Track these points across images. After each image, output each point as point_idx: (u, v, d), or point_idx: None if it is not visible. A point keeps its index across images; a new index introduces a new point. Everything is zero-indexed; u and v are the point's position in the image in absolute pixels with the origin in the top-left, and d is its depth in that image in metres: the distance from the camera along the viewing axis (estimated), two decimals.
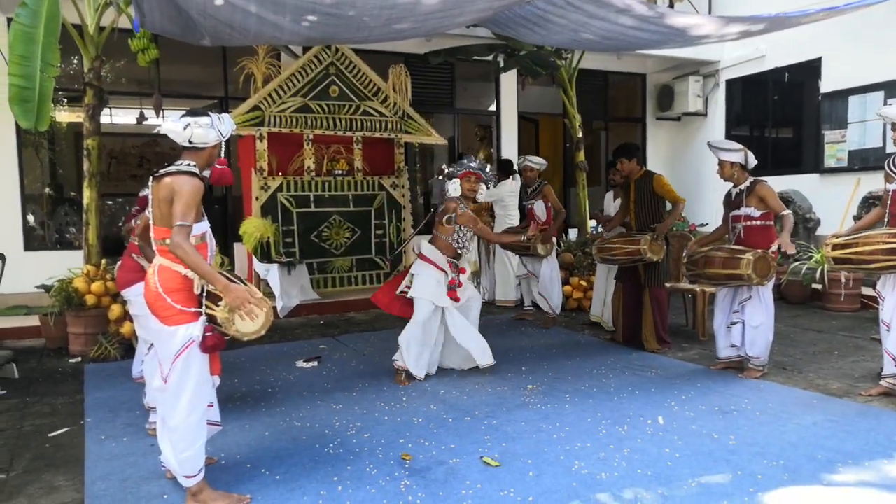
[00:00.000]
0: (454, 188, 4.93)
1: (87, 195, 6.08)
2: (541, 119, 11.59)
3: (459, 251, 4.95)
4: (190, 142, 2.96)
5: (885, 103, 7.91)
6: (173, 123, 2.97)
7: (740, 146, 4.77)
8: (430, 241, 4.95)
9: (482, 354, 4.87)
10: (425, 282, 4.80)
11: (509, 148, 10.25)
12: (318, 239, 8.05)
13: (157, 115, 7.72)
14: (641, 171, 5.65)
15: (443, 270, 4.84)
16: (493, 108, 10.53)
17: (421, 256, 4.91)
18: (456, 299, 4.88)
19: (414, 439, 3.70)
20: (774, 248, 4.50)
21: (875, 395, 4.27)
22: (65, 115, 8.56)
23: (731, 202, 4.88)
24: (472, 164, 4.98)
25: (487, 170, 5.06)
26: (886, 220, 4.19)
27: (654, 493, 2.99)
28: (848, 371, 4.90)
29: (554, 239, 6.67)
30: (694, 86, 10.52)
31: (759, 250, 4.53)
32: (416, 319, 4.77)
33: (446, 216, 4.85)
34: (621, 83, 11.46)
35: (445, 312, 4.89)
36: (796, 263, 7.65)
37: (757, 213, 4.71)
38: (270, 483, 3.17)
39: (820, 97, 9.00)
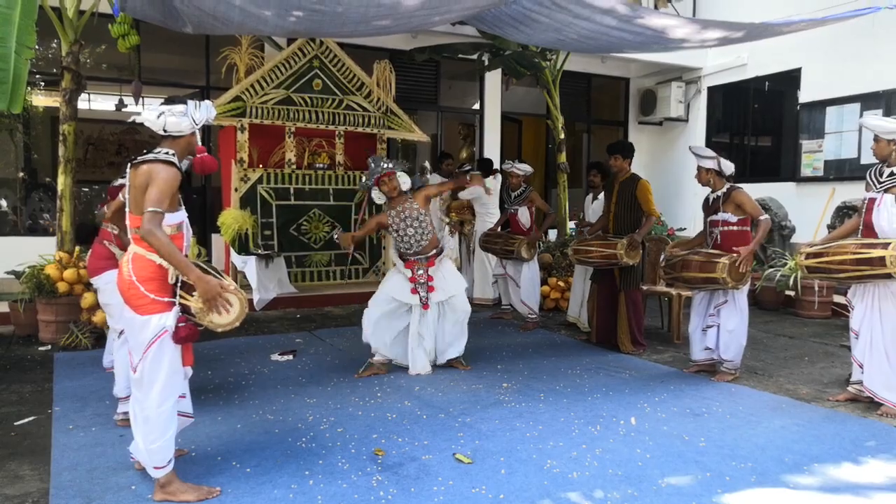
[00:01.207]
0: (377, 197, 4.96)
1: (62, 181, 5.99)
2: (524, 119, 11.62)
3: (406, 249, 4.94)
4: (164, 130, 2.93)
5: (861, 115, 8.06)
6: (148, 112, 2.94)
7: (713, 154, 4.86)
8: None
9: (414, 364, 4.95)
10: (388, 277, 5.07)
11: (492, 147, 10.27)
12: (297, 232, 8.00)
13: (137, 103, 7.63)
14: (628, 173, 5.68)
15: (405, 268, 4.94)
16: (476, 106, 10.54)
17: (394, 262, 5.09)
18: (424, 304, 4.90)
19: (387, 435, 3.69)
20: (734, 255, 4.58)
21: (842, 401, 4.35)
22: (41, 100, 8.40)
23: (708, 207, 4.95)
24: (380, 167, 4.89)
25: (386, 164, 4.91)
26: (861, 228, 4.25)
27: (624, 492, 3.01)
28: (817, 377, 4.99)
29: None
30: (676, 91, 10.63)
31: (734, 254, 4.60)
32: (370, 302, 4.94)
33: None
34: (605, 86, 11.53)
35: (417, 313, 4.94)
36: (770, 270, 7.76)
37: (734, 219, 4.78)
38: (241, 476, 3.15)
39: (799, 107, 9.14)
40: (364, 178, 5.03)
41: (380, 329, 4.91)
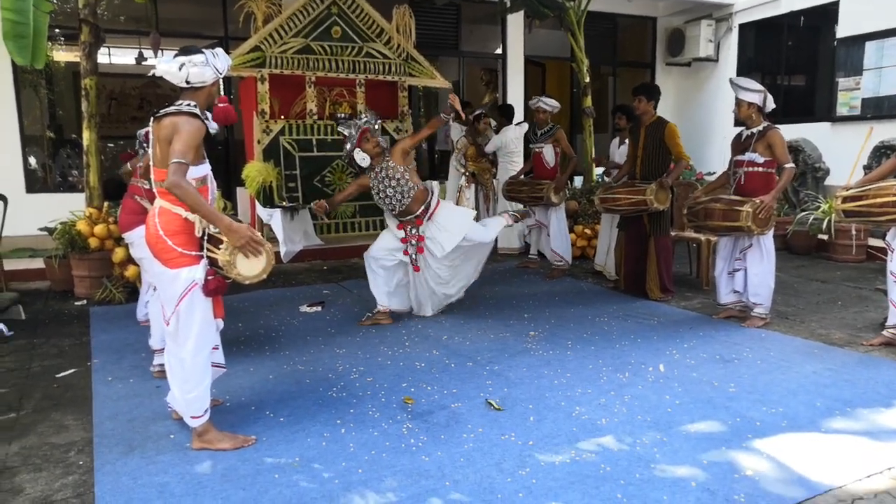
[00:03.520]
0: (362, 159, 4.68)
1: (87, 136, 6.01)
2: (547, 63, 11.33)
3: (390, 210, 4.81)
4: (187, 82, 2.89)
5: None
6: (167, 64, 2.88)
7: (761, 87, 4.63)
8: None
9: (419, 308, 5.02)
10: (383, 236, 4.96)
11: (515, 92, 10.06)
12: (321, 184, 7.99)
13: (156, 55, 7.58)
14: (655, 116, 5.52)
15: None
16: (499, 51, 10.29)
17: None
18: (415, 266, 4.86)
19: (416, 384, 3.73)
20: (757, 202, 4.46)
21: (876, 345, 4.28)
22: (62, 55, 8.40)
23: (739, 144, 4.79)
24: (355, 127, 4.67)
25: (360, 122, 4.72)
26: None
27: (654, 438, 3.03)
28: (850, 321, 4.91)
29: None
30: (706, 30, 10.23)
31: (757, 200, 4.48)
32: (367, 256, 4.92)
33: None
34: (631, 27, 11.16)
35: (423, 266, 4.90)
36: (803, 214, 7.59)
37: (761, 160, 4.63)
38: (275, 425, 3.22)
39: (835, 43, 8.75)
40: (347, 147, 4.70)
41: (378, 280, 4.93)
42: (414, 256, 4.83)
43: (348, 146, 4.70)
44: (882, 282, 4.70)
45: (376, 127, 4.76)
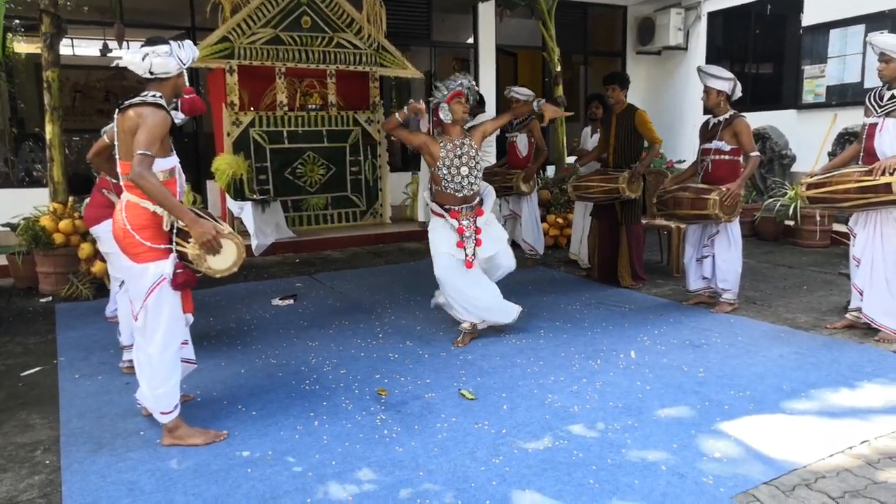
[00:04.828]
0: (445, 115, 4.22)
1: (50, 130, 5.87)
2: (519, 52, 11.34)
3: (457, 193, 4.21)
4: (150, 72, 2.84)
5: (866, 37, 7.84)
6: (131, 55, 2.84)
7: (730, 75, 4.67)
8: (430, 192, 4.40)
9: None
10: (435, 234, 4.27)
11: (487, 82, 10.05)
12: (292, 176, 7.92)
13: (120, 47, 7.43)
14: (625, 104, 5.57)
15: (442, 216, 4.25)
16: (470, 40, 10.26)
17: (432, 211, 4.34)
18: (466, 261, 4.21)
19: (390, 375, 3.73)
20: (723, 190, 4.52)
21: (840, 328, 4.38)
22: (22, 46, 8.17)
23: (706, 132, 4.85)
24: (459, 82, 4.20)
25: (468, 82, 4.26)
26: (861, 155, 4.19)
27: (625, 423, 3.07)
28: (815, 305, 5.02)
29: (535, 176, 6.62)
30: (675, 19, 10.32)
31: (724, 188, 4.54)
32: (437, 275, 4.22)
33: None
34: (601, 16, 11.20)
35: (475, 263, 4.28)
36: (770, 200, 7.72)
37: (727, 148, 4.70)
38: (247, 419, 3.19)
39: (801, 31, 8.89)
40: (437, 92, 4.23)
41: (464, 301, 4.23)
42: (472, 253, 4.21)
43: (440, 95, 4.22)
44: (845, 266, 4.80)
45: (470, 101, 4.26)
